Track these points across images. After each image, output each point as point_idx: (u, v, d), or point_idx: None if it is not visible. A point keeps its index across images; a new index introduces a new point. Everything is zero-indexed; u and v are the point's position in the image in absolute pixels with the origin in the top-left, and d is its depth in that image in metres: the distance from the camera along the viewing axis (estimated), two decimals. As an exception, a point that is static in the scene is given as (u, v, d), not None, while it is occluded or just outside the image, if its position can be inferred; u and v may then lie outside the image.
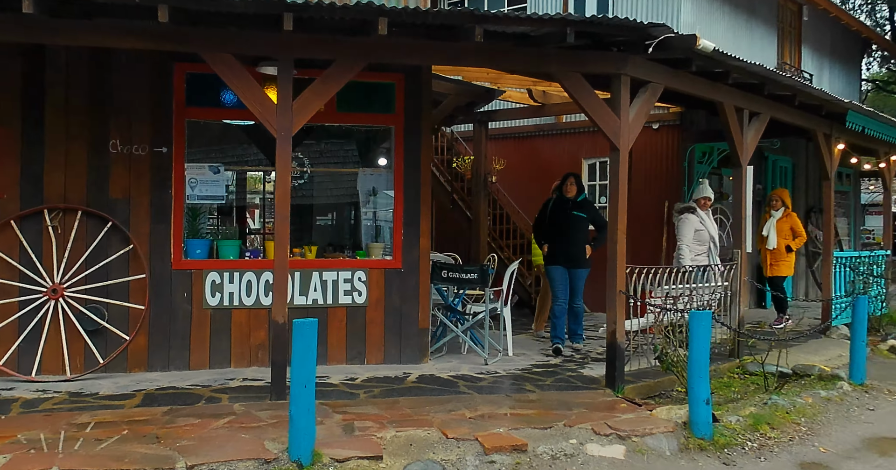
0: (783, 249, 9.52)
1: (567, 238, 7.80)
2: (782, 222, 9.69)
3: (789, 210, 9.68)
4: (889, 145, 11.27)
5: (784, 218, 9.55)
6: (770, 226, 9.65)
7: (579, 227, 7.80)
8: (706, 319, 5.08)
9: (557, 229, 7.87)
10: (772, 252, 9.74)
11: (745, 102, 7.76)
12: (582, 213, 7.84)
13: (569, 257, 7.76)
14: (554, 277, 7.80)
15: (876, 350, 9.20)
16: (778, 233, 9.65)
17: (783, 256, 9.50)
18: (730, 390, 6.93)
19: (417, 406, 5.47)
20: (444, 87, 7.84)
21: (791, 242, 9.47)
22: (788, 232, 9.49)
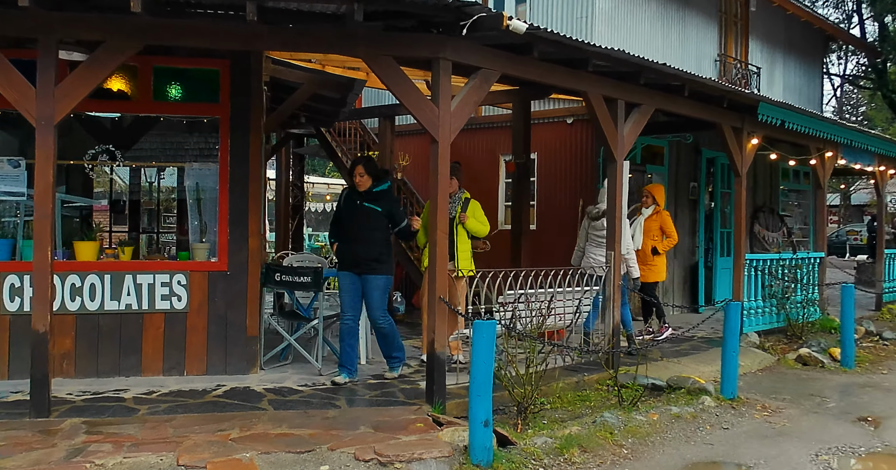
0: (648, 250, 8.85)
1: (354, 237, 6.34)
2: (651, 221, 8.94)
3: (660, 208, 8.95)
4: (822, 141, 10.62)
5: (653, 216, 8.89)
6: (637, 225, 8.83)
7: (371, 224, 6.33)
8: (488, 329, 4.51)
9: (344, 228, 6.49)
10: (639, 253, 8.91)
11: (617, 92, 7.18)
12: (375, 206, 6.36)
13: (357, 260, 6.28)
14: (341, 285, 6.37)
15: (782, 360, 8.58)
16: (645, 233, 8.88)
17: (649, 258, 8.82)
18: (583, 405, 6.36)
19: (190, 425, 4.95)
20: (297, 75, 7.32)
21: (659, 243, 8.80)
22: (657, 232, 8.82)
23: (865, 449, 5.46)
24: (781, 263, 9.73)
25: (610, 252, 7.30)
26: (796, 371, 8.22)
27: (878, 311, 12.62)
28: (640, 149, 11.06)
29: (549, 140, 10.80)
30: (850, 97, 38.82)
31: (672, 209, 11.66)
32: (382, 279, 6.33)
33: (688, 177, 12.03)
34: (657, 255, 8.79)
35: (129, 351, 6.22)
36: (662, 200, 8.95)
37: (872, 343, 10.10)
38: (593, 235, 8.14)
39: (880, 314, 12.44)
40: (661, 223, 8.85)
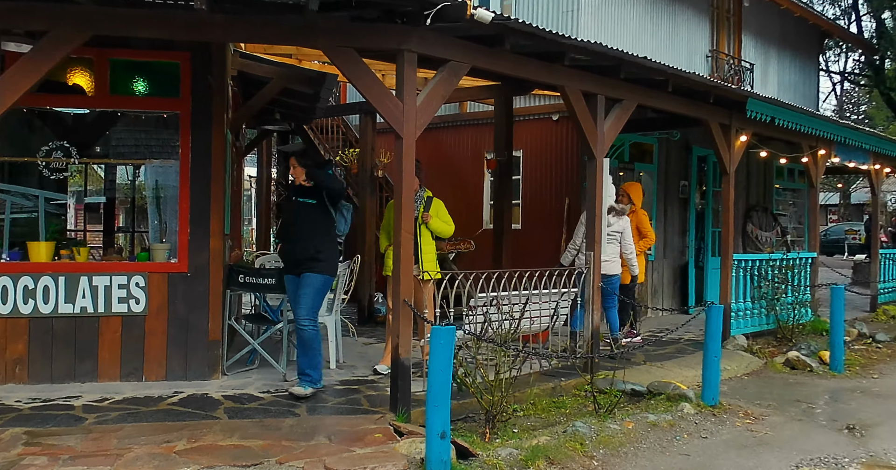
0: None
1: (292, 235, 5.88)
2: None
3: (636, 207, 8.61)
4: (814, 139, 10.37)
5: (629, 216, 8.59)
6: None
7: (308, 220, 5.79)
8: (446, 335, 4.26)
9: (283, 226, 6.08)
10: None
11: (597, 87, 6.92)
12: (310, 199, 5.83)
13: (296, 261, 5.80)
14: (287, 291, 6.01)
15: (770, 364, 8.32)
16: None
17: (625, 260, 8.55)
18: (558, 412, 6.12)
19: (136, 435, 4.70)
20: (265, 70, 7.07)
21: (636, 244, 8.50)
22: (633, 232, 8.50)
23: (849, 460, 5.20)
24: (771, 264, 9.47)
25: (589, 253, 7.05)
26: (784, 375, 7.96)
27: (873, 312, 12.37)
28: (628, 146, 10.81)
29: (535, 137, 10.55)
30: (852, 96, 38.53)
31: (662, 208, 11.43)
32: (319, 279, 5.74)
33: (678, 175, 11.77)
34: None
35: (85, 356, 5.98)
36: (639, 199, 8.64)
37: (864, 346, 9.85)
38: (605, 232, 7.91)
39: (875, 316, 12.19)
40: (638, 223, 8.52)
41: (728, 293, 8.85)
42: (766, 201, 14.13)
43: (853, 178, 37.95)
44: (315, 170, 5.82)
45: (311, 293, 5.72)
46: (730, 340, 8.75)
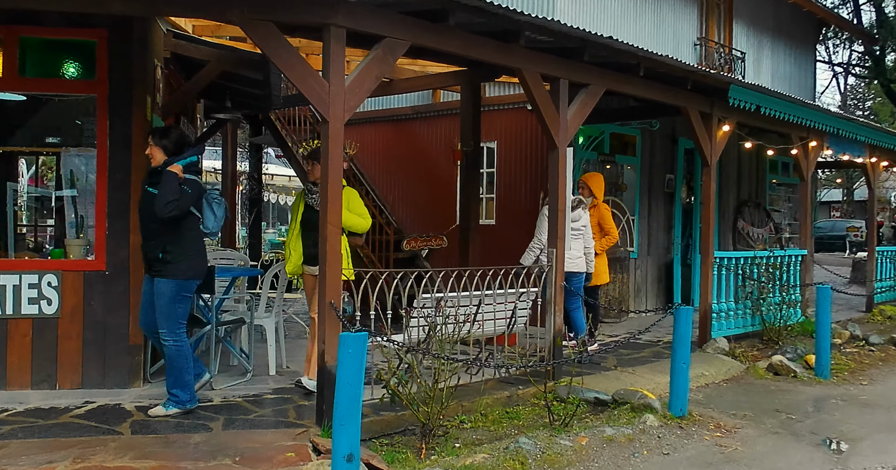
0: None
1: (142, 231, 5.15)
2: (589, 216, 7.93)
3: (598, 201, 7.95)
4: (805, 129, 9.80)
5: (590, 211, 8.04)
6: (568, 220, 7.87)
7: (154, 212, 4.92)
8: (356, 342, 3.73)
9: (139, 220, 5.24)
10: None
11: (559, 70, 6.38)
12: (157, 189, 4.94)
13: (146, 261, 5.13)
14: (142, 292, 5.28)
15: (752, 369, 7.77)
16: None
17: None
18: (510, 424, 5.59)
19: (19, 455, 4.20)
20: (202, 52, 6.54)
21: (597, 242, 7.94)
22: (595, 228, 7.94)
23: (825, 481, 4.67)
24: (756, 262, 8.91)
25: (552, 249, 6.51)
26: (765, 382, 7.42)
27: (869, 312, 11.80)
28: (608, 137, 10.26)
29: (509, 128, 10.01)
30: (857, 92, 37.83)
31: (646, 203, 10.88)
32: (169, 285, 4.93)
33: (663, 168, 11.22)
34: (596, 255, 7.84)
35: (-8, 361, 5.47)
36: (601, 192, 7.99)
37: (857, 348, 9.29)
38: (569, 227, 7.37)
39: (870, 316, 11.62)
40: (599, 218, 7.91)
41: (709, 293, 8.30)
42: (759, 196, 13.57)
43: (857, 175, 37.42)
44: (171, 158, 5.00)
45: (163, 303, 4.95)
46: (710, 343, 8.21)
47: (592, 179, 7.91)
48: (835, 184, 33.02)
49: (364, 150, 11.65)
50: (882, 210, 31.62)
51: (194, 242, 5.11)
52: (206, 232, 5.18)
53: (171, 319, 4.97)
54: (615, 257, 10.16)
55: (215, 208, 5.18)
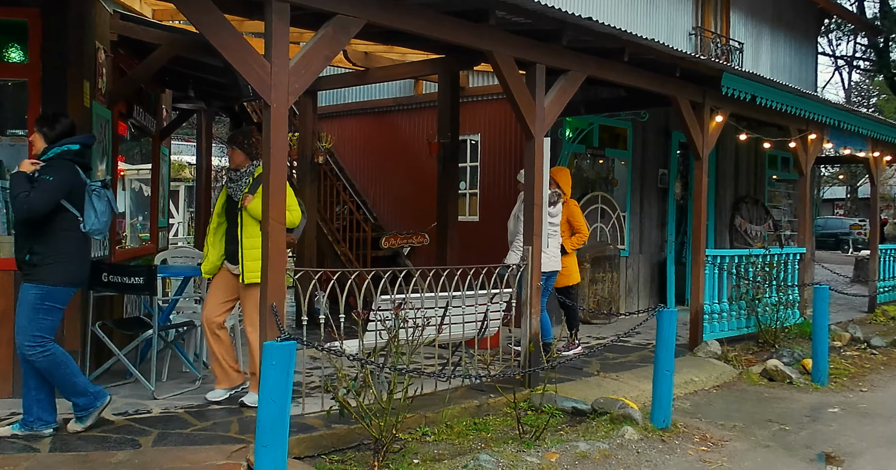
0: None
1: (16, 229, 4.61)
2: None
3: (567, 197, 7.36)
4: (804, 121, 9.34)
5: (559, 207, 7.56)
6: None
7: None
8: (281, 353, 3.28)
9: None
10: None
11: (535, 54, 5.93)
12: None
13: (16, 263, 4.55)
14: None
15: (745, 374, 7.31)
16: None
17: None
18: (478, 437, 5.14)
19: (-84, 474, 3.76)
20: (153, 35, 6.10)
21: (567, 240, 7.43)
22: (564, 226, 7.39)
23: (818, 503, 4.22)
24: (751, 260, 8.45)
25: (528, 247, 6.06)
26: (759, 388, 6.96)
27: (871, 313, 11.33)
28: (597, 130, 9.80)
29: (494, 120, 9.55)
30: (862, 88, 37.28)
31: (637, 199, 10.43)
32: (33, 290, 4.30)
33: (656, 163, 10.76)
34: (565, 254, 7.27)
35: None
36: (569, 187, 7.41)
37: (858, 352, 8.83)
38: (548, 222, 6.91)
39: (873, 316, 11.15)
40: (569, 215, 7.34)
41: (700, 293, 7.84)
42: (758, 193, 13.11)
43: (861, 172, 36.83)
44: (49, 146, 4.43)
45: (24, 310, 4.30)
46: (701, 347, 7.75)
47: (560, 174, 7.35)
48: (838, 181, 32.44)
49: (344, 144, 11.20)
50: (887, 208, 31.10)
51: (70, 243, 4.41)
52: (89, 232, 4.48)
53: (31, 328, 4.27)
54: (604, 256, 9.72)
55: (96, 204, 4.48)
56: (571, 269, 7.31)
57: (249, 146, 5.22)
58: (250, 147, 5.22)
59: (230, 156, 5.27)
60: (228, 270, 5.23)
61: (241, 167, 5.26)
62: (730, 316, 8.38)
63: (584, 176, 9.79)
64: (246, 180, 5.19)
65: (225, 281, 5.24)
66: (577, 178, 9.68)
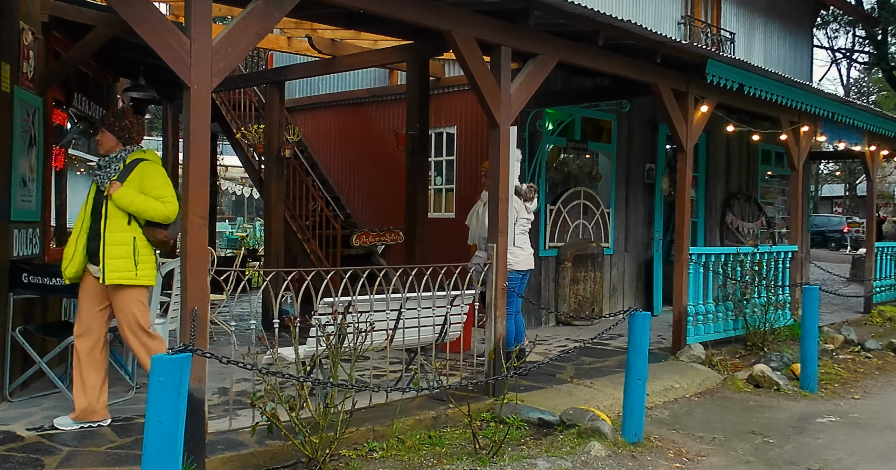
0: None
1: None
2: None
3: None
4: (796, 113, 8.90)
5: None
6: (475, 212, 6.68)
7: None
8: (170, 369, 2.83)
9: None
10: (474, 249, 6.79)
11: (500, 35, 5.48)
12: None
13: None
14: None
15: (730, 380, 6.87)
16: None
17: None
18: (431, 452, 4.71)
19: None
20: (87, 15, 5.65)
21: None
22: None
23: (799, 531, 3.78)
24: (739, 259, 8.00)
25: (492, 245, 5.61)
26: (744, 396, 6.52)
27: (867, 313, 10.89)
28: (579, 122, 9.35)
29: (471, 111, 9.09)
30: (861, 85, 36.79)
31: (622, 195, 9.98)
32: None
33: (642, 157, 10.31)
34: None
35: None
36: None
37: (851, 355, 8.38)
38: (522, 220, 6.46)
39: (868, 317, 10.71)
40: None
41: (683, 293, 7.40)
42: (750, 189, 12.67)
43: (860, 170, 36.35)
44: None
45: None
46: (684, 350, 7.31)
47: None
48: (836, 178, 31.98)
49: (318, 138, 10.76)
50: (885, 205, 30.66)
51: None
52: None
53: None
54: (586, 254, 9.28)
55: None
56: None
57: (121, 129, 4.60)
58: (122, 130, 4.60)
59: (99, 140, 4.62)
60: (91, 273, 4.53)
61: (111, 152, 4.60)
62: (716, 318, 7.94)
63: (566, 171, 9.35)
64: (115, 167, 4.55)
65: (92, 286, 4.54)
66: (558, 172, 9.25)
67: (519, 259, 6.41)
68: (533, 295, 8.82)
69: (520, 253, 6.44)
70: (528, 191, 6.49)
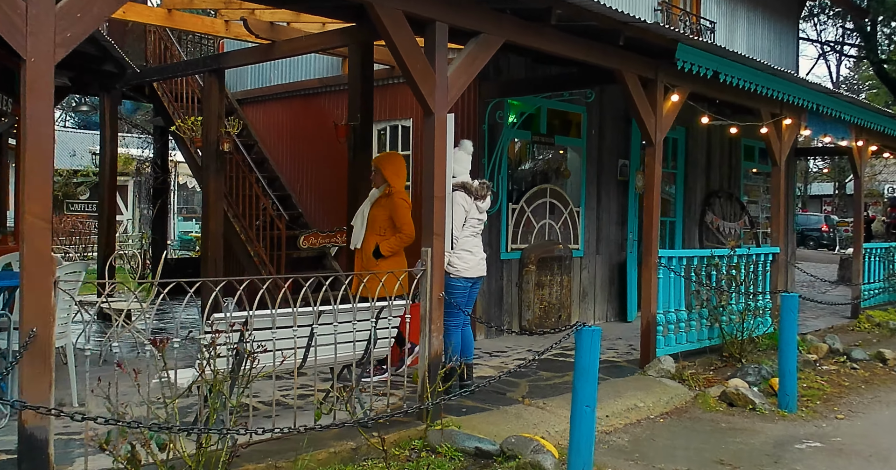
0: (370, 251, 5.95)
1: None
2: (379, 208, 6.00)
3: (395, 189, 5.94)
4: (777, 104, 8.26)
5: (383, 200, 6.00)
6: (361, 213, 6.08)
7: None
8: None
9: None
10: (359, 254, 6.09)
11: (433, 9, 4.79)
12: None
13: None
14: None
15: (702, 397, 6.21)
16: (370, 224, 5.99)
17: (371, 263, 5.94)
18: (341, 493, 4.01)
19: None
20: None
21: (385, 240, 5.91)
22: (385, 224, 5.95)
23: None
24: (714, 262, 7.35)
25: (426, 249, 4.93)
26: (715, 416, 5.86)
27: (854, 319, 10.25)
28: (545, 114, 8.68)
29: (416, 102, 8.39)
30: (851, 82, 36.27)
31: (593, 192, 9.32)
32: None
33: (615, 152, 9.65)
34: (381, 258, 5.91)
35: None
36: (399, 178, 6.03)
37: (836, 366, 7.74)
38: (473, 220, 5.77)
39: (856, 323, 10.08)
40: (392, 211, 5.93)
41: (652, 301, 6.73)
42: (732, 186, 12.03)
43: (849, 166, 35.83)
44: None
45: None
46: (653, 364, 6.64)
47: (387, 161, 6.08)
48: (825, 176, 31.43)
49: (269, 132, 10.07)
50: (875, 204, 30.12)
51: None
52: None
53: None
54: (552, 256, 8.60)
55: None
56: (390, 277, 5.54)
57: None
58: None
59: None
60: None
61: None
62: (689, 326, 7.29)
63: (531, 167, 8.68)
64: None
65: None
66: (522, 168, 8.58)
67: (469, 265, 5.73)
68: (494, 301, 8.16)
69: (470, 258, 5.75)
70: (480, 188, 5.80)
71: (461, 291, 5.69)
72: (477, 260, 5.81)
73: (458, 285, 5.66)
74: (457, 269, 5.63)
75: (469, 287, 5.76)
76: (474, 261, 5.78)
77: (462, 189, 5.68)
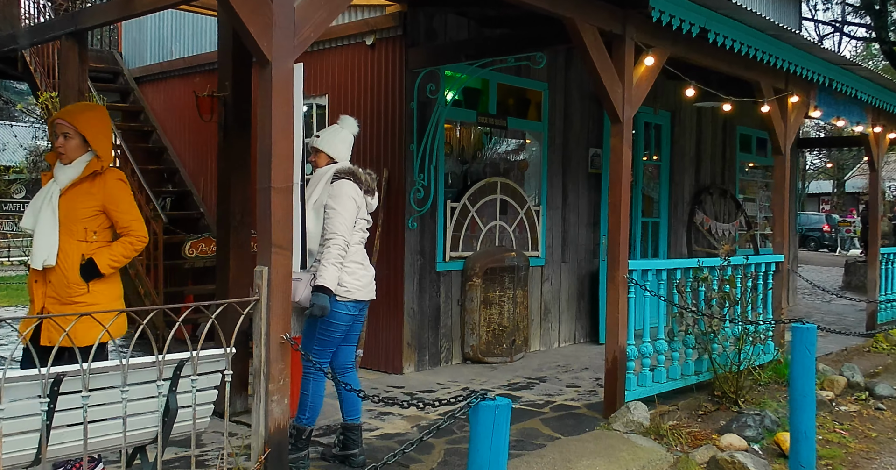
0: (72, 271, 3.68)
1: None
2: (80, 197, 3.75)
3: (104, 161, 3.78)
4: (782, 77, 6.66)
5: (86, 184, 3.76)
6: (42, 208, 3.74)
7: None
8: None
9: None
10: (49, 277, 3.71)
11: None
12: None
13: None
14: None
15: (684, 464, 4.53)
16: (66, 224, 3.71)
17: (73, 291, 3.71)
18: None
19: None
20: None
21: (102, 250, 3.74)
22: (96, 221, 3.77)
23: None
24: (701, 276, 5.69)
25: (261, 268, 3.25)
26: (702, 495, 4.19)
27: (871, 337, 8.60)
28: (494, 90, 7.03)
29: (344, 75, 6.75)
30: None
31: (558, 187, 7.68)
32: None
33: (585, 139, 8.00)
34: (97, 279, 3.71)
35: None
36: (107, 140, 3.86)
37: (857, 406, 6.11)
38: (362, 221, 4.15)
39: (873, 343, 8.43)
40: (106, 200, 3.75)
41: (620, 329, 5.07)
42: (726, 182, 10.40)
43: (849, 164, 34.28)
44: None
45: None
46: (621, 413, 4.98)
47: (84, 116, 3.83)
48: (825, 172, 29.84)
49: (169, 115, 8.39)
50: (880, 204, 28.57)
51: None
52: None
53: None
54: (503, 266, 6.94)
55: None
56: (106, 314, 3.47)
57: None
58: None
59: None
60: None
61: None
62: (669, 360, 5.64)
63: (477, 155, 7.02)
64: None
65: None
66: (464, 157, 6.92)
67: (361, 283, 4.10)
68: (429, 324, 6.50)
69: (363, 274, 4.13)
70: (368, 179, 4.16)
71: (345, 322, 4.05)
72: (369, 277, 4.18)
73: (342, 313, 4.02)
74: (346, 288, 4.01)
75: (356, 314, 4.12)
76: (367, 277, 4.17)
77: (350, 177, 4.05)
